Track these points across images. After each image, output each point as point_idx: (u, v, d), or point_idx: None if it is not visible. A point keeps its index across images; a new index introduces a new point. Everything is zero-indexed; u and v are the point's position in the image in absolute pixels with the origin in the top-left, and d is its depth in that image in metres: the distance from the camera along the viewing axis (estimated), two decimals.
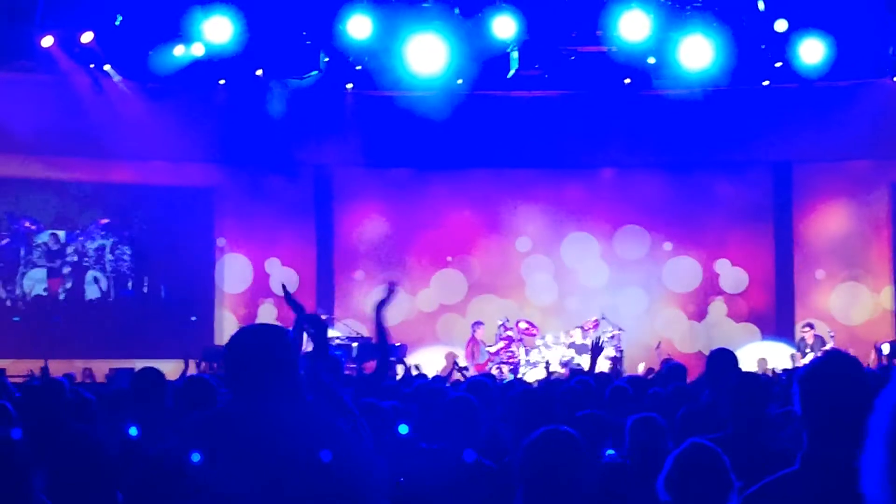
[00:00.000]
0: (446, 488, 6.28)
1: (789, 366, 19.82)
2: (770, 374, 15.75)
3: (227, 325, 23.09)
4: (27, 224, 22.68)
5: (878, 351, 18.97)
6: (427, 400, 8.21)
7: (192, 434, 4.29)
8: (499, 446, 7.17)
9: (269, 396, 4.20)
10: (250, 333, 4.46)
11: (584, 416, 7.25)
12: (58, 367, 18.56)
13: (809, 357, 20.91)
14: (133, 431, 6.84)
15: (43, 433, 7.07)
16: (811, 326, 21.76)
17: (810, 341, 21.43)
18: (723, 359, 8.39)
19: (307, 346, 6.63)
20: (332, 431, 4.24)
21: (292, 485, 4.04)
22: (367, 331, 20.78)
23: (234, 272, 23.66)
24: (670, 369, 11.79)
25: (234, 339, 4.40)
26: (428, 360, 20.81)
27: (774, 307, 23.75)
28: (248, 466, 4.02)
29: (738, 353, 8.71)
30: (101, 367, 19.88)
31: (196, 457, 4.06)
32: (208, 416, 4.55)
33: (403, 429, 6.67)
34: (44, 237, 22.77)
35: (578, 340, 21.43)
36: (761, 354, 21.74)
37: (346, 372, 18.22)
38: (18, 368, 17.57)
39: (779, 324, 23.52)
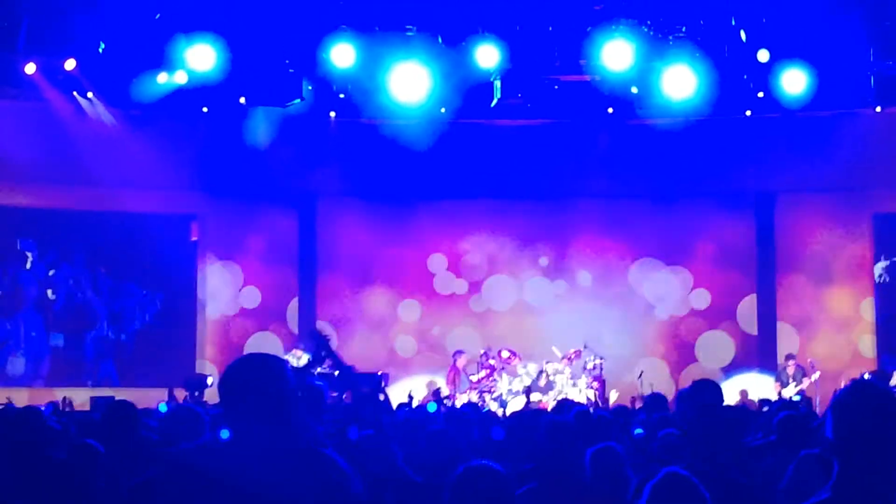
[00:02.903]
0: None
1: (773, 397, 19.82)
2: (751, 405, 15.76)
3: (208, 353, 23.05)
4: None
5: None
6: (408, 432, 8.19)
7: (182, 466, 4.13)
8: None
9: (266, 429, 4.03)
10: (248, 363, 4.21)
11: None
12: (39, 396, 18.53)
13: (791, 388, 20.92)
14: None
15: (20, 463, 7.03)
16: (793, 357, 21.77)
17: (791, 372, 21.43)
18: (705, 390, 8.30)
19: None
20: (333, 467, 4.07)
21: None
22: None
23: (216, 299, 23.61)
24: (652, 399, 11.86)
25: (231, 368, 4.18)
26: (410, 389, 20.75)
27: (757, 337, 23.71)
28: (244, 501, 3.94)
29: (722, 384, 8.67)
30: (82, 396, 19.82)
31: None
32: (201, 447, 4.40)
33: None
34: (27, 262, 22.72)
35: (561, 369, 21.41)
36: (742, 386, 21.76)
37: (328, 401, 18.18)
38: None
39: (761, 355, 23.47)
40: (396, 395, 19.83)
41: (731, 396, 19.76)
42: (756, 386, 21.91)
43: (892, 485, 3.56)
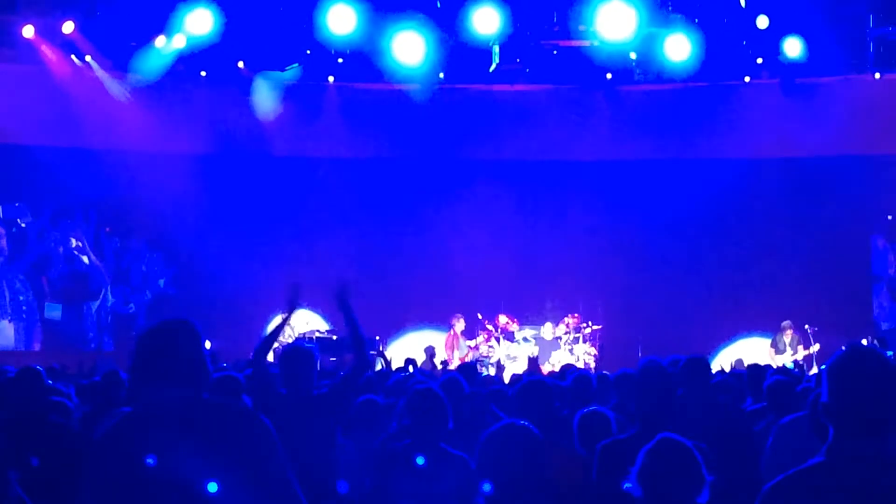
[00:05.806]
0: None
1: (770, 363, 19.81)
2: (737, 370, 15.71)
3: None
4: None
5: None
6: (397, 392, 8.23)
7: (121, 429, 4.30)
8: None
9: (177, 389, 4.26)
10: (159, 329, 4.44)
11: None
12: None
13: (787, 354, 20.90)
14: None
15: (19, 425, 7.07)
16: (790, 324, 21.65)
17: (788, 340, 21.39)
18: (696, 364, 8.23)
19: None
20: (250, 419, 4.30)
21: (210, 472, 4.09)
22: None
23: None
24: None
25: (143, 335, 4.41)
26: (407, 353, 20.78)
27: (755, 302, 23.65)
28: (170, 458, 4.07)
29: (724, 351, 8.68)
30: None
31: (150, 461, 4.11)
32: (137, 411, 4.58)
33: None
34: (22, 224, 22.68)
35: (559, 334, 21.46)
36: (739, 353, 21.65)
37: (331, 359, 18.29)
38: None
39: (758, 320, 23.37)
40: (395, 359, 19.87)
41: (726, 363, 19.80)
42: (753, 351, 21.83)
43: (886, 449, 3.59)
